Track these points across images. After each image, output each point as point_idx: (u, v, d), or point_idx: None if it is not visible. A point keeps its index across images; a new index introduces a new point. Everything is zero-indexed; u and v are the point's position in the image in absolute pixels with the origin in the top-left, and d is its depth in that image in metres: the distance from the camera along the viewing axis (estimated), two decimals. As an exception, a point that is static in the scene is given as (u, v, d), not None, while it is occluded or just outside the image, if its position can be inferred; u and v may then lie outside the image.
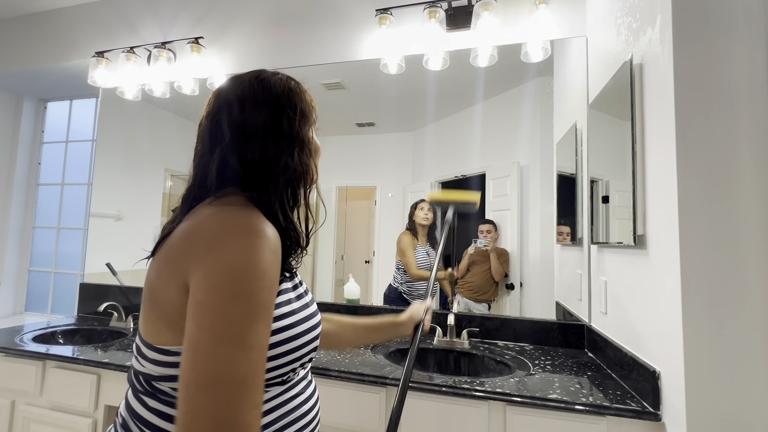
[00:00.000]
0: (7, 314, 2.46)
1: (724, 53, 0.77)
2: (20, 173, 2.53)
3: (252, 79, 0.57)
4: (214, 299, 0.42)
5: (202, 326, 0.41)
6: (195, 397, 0.39)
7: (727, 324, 0.74)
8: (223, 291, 0.42)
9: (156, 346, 0.49)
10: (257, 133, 0.54)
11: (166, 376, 0.48)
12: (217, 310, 0.41)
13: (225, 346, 0.40)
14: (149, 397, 0.50)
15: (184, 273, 0.45)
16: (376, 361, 1.17)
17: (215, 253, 0.43)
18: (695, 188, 0.77)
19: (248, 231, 0.45)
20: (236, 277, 0.42)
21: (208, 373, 0.40)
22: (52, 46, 2.17)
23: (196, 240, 0.46)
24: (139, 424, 0.50)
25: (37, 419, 1.29)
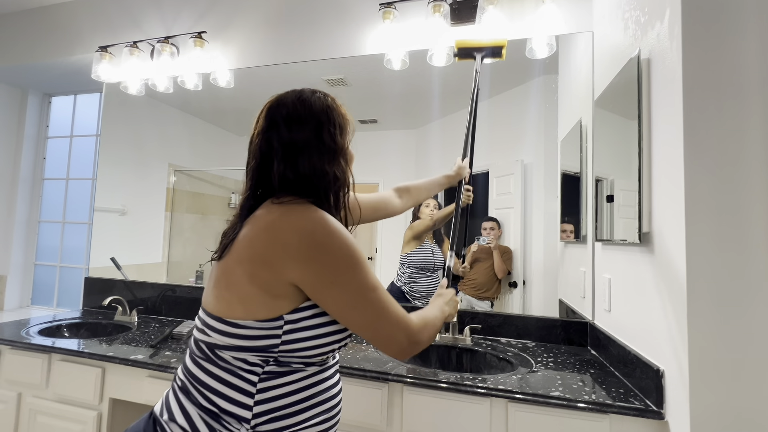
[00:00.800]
0: (14, 307, 2.49)
1: (734, 48, 0.76)
2: (25, 168, 2.55)
3: (294, 99, 0.67)
4: (344, 275, 0.59)
5: (350, 290, 0.60)
6: (378, 324, 0.62)
7: (732, 322, 0.74)
8: (344, 268, 0.59)
9: (226, 319, 0.59)
10: (304, 148, 0.64)
11: (230, 345, 0.59)
12: (351, 278, 0.60)
13: (371, 293, 0.61)
14: (210, 363, 0.61)
15: (280, 265, 0.58)
16: (378, 357, 1.17)
17: (319, 248, 0.58)
18: (703, 185, 0.76)
19: (327, 220, 0.60)
20: (347, 256, 0.60)
21: (373, 311, 0.61)
22: (56, 41, 2.17)
23: (284, 235, 0.59)
24: (198, 386, 0.61)
25: (43, 411, 1.30)
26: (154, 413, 0.65)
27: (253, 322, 0.58)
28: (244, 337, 0.59)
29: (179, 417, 0.61)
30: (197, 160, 2.08)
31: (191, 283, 1.92)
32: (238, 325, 0.59)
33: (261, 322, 0.58)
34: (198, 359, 0.63)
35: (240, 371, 0.60)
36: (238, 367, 0.60)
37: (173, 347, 1.33)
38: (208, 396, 0.60)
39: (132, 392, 1.22)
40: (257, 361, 0.60)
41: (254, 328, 0.58)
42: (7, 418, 1.33)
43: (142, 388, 1.21)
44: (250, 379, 0.59)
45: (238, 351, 0.59)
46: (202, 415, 0.59)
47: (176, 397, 0.63)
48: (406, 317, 0.65)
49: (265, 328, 0.58)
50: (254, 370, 0.60)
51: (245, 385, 0.59)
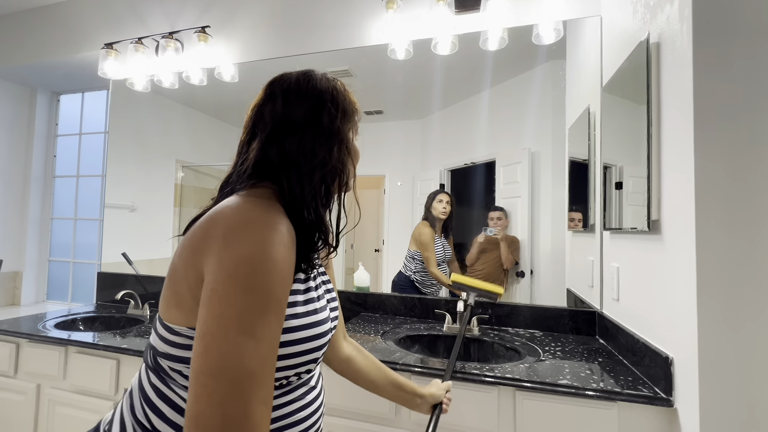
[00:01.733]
0: (30, 302, 2.55)
1: (746, 29, 0.74)
2: (37, 166, 2.59)
3: (300, 75, 0.59)
4: (227, 289, 0.42)
5: (214, 314, 0.42)
6: (205, 386, 0.40)
7: (743, 309, 0.73)
8: (236, 281, 0.42)
9: (164, 322, 0.50)
10: (297, 125, 0.55)
11: (167, 353, 0.50)
12: (230, 300, 0.42)
13: (236, 336, 0.41)
14: (152, 372, 0.52)
15: (200, 258, 0.46)
16: (386, 347, 1.18)
17: (230, 244, 0.44)
18: (713, 172, 0.75)
19: (263, 223, 0.46)
20: (250, 268, 0.43)
21: (217, 362, 0.40)
22: (62, 39, 2.19)
23: (214, 228, 0.46)
24: (140, 395, 0.52)
25: (61, 402, 1.34)
26: (102, 420, 0.58)
27: (186, 329, 0.48)
28: (177, 345, 0.49)
29: (116, 427, 0.53)
30: (203, 156, 2.09)
31: (201, 277, 1.95)
32: (173, 331, 0.49)
33: (193, 331, 0.47)
34: (146, 365, 0.54)
35: (174, 385, 0.50)
36: (173, 380, 0.50)
37: (185, 339, 1.35)
38: (145, 409, 0.51)
39: (146, 383, 1.25)
40: None
41: (187, 336, 0.48)
42: (27, 409, 1.38)
43: (155, 379, 1.23)
44: (183, 396, 0.49)
45: (174, 361, 0.49)
46: (135, 429, 0.51)
47: (121, 405, 0.55)
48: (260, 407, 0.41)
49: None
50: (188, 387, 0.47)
51: (179, 402, 0.49)
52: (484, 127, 1.64)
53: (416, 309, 1.57)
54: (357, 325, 1.45)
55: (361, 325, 1.45)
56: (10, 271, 2.49)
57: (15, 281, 2.53)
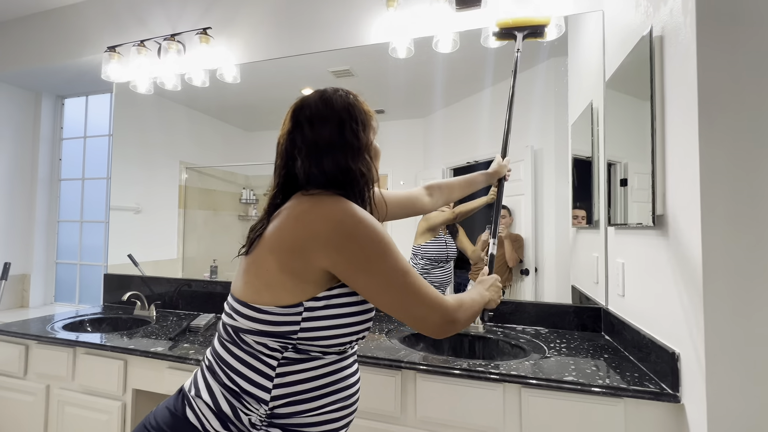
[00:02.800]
0: (38, 304, 2.58)
1: (751, 21, 0.73)
2: (43, 169, 2.62)
3: (317, 99, 0.69)
4: (375, 260, 0.61)
5: (381, 274, 0.62)
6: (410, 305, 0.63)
7: (750, 303, 0.72)
8: (375, 253, 0.61)
9: (251, 305, 0.63)
10: (327, 146, 0.65)
11: (253, 329, 0.62)
12: (382, 263, 0.62)
13: (402, 276, 0.63)
14: (235, 346, 0.65)
15: (312, 252, 0.60)
16: (391, 346, 1.19)
17: (350, 235, 0.60)
18: (718, 166, 0.74)
19: (355, 209, 0.62)
20: (376, 241, 0.61)
21: (404, 292, 0.63)
22: (66, 43, 2.21)
23: (319, 226, 0.60)
24: (223, 366, 0.65)
25: (70, 402, 1.36)
26: (184, 389, 0.69)
27: (275, 308, 0.61)
28: (266, 322, 0.62)
29: (204, 393, 0.65)
30: (207, 157, 2.10)
31: (206, 278, 1.97)
32: (262, 311, 0.62)
33: (282, 308, 0.61)
34: (224, 341, 0.66)
35: (261, 355, 0.63)
36: (260, 351, 0.63)
37: (191, 339, 1.36)
38: (231, 376, 0.63)
39: (153, 383, 1.26)
40: (277, 347, 0.62)
41: (276, 313, 0.61)
42: (37, 410, 1.40)
43: (162, 379, 1.24)
44: (269, 363, 0.62)
45: (260, 335, 0.62)
46: (224, 393, 0.63)
47: (203, 376, 0.67)
48: (439, 297, 0.66)
49: (286, 314, 0.61)
50: (274, 355, 0.63)
51: (265, 369, 0.62)
52: (487, 125, 1.64)
53: (420, 307, 1.57)
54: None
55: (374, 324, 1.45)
56: (19, 273, 2.52)
57: (23, 284, 2.55)
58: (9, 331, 1.44)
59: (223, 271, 1.98)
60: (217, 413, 0.63)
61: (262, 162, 1.96)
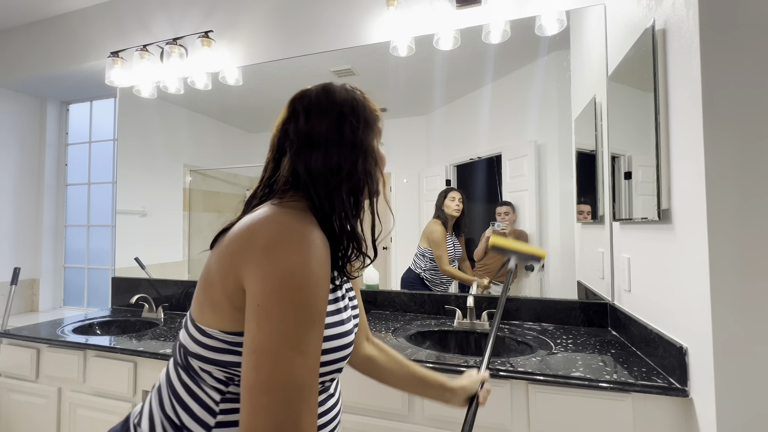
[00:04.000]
0: (48, 309, 2.61)
1: (754, 13, 0.73)
2: (49, 175, 2.65)
3: (318, 90, 0.60)
4: (274, 304, 0.45)
5: (264, 330, 0.44)
6: (258, 399, 0.42)
7: (757, 296, 0.72)
8: (282, 297, 0.45)
9: (197, 324, 0.53)
10: (320, 141, 0.56)
11: (198, 354, 0.52)
12: (277, 316, 0.44)
13: (286, 352, 0.44)
14: (182, 370, 0.55)
15: (240, 268, 0.48)
16: (397, 344, 1.19)
17: (273, 258, 0.46)
18: (724, 158, 0.74)
19: (302, 238, 0.48)
20: (295, 284, 0.45)
21: (270, 377, 0.43)
22: (69, 49, 2.23)
23: (255, 239, 0.48)
24: (169, 391, 0.55)
25: (82, 404, 1.37)
26: (130, 414, 0.61)
27: (219, 333, 0.50)
28: (209, 347, 0.51)
29: (144, 422, 0.56)
30: (211, 160, 2.11)
31: (212, 279, 1.98)
32: (206, 333, 0.51)
33: (226, 334, 0.50)
34: (175, 362, 0.57)
35: (204, 385, 0.53)
36: (203, 379, 0.53)
37: (199, 341, 1.38)
38: (174, 405, 0.54)
39: (163, 384, 1.28)
40: (222, 378, 0.52)
41: (219, 339, 0.51)
42: (49, 412, 1.42)
43: (172, 380, 1.26)
44: (212, 396, 0.52)
45: (204, 362, 0.52)
46: (164, 424, 0.54)
47: (150, 401, 0.58)
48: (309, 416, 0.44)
49: (230, 342, 0.50)
50: (219, 388, 0.52)
51: (209, 402, 0.52)
52: (489, 121, 1.63)
53: (426, 305, 1.58)
54: (368, 323, 1.45)
55: (371, 323, 1.45)
56: (28, 278, 2.55)
57: (32, 288, 2.59)
58: (20, 335, 1.46)
59: (229, 273, 2.00)
60: None
61: (266, 163, 1.97)
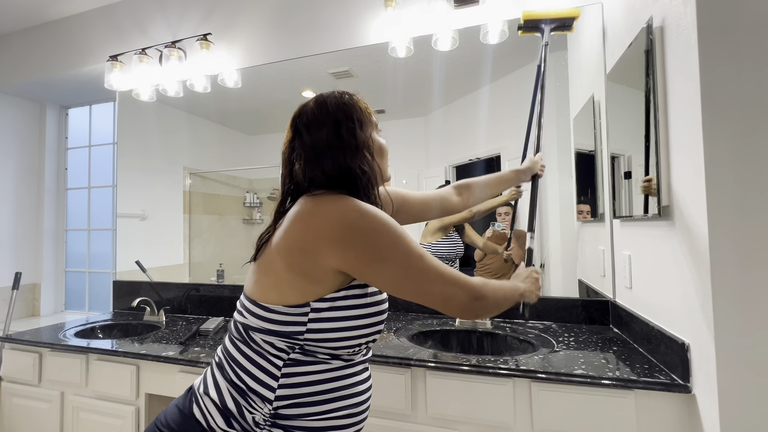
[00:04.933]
0: (49, 313, 2.61)
1: (752, 9, 0.73)
2: (49, 179, 2.65)
3: (313, 105, 0.69)
4: (385, 250, 0.60)
5: (395, 264, 0.60)
6: (432, 286, 0.62)
7: (759, 291, 0.72)
8: (384, 244, 0.60)
9: (261, 303, 0.63)
10: (325, 147, 0.65)
11: (261, 328, 0.63)
12: (393, 252, 0.60)
13: (417, 260, 0.61)
14: (243, 344, 0.65)
15: (320, 250, 0.59)
16: (399, 344, 1.19)
17: (355, 229, 0.59)
18: (723, 154, 0.74)
19: (358, 204, 0.61)
20: (383, 233, 0.60)
21: (427, 277, 0.61)
22: (68, 53, 2.23)
23: (323, 222, 0.60)
24: (231, 363, 0.66)
25: (85, 408, 1.37)
26: (193, 387, 0.70)
27: (282, 307, 0.61)
28: (273, 321, 0.62)
29: (212, 390, 0.65)
30: (210, 162, 2.12)
31: (213, 282, 1.98)
32: (270, 309, 0.62)
33: (289, 308, 0.61)
34: (234, 339, 0.67)
35: (267, 354, 0.63)
36: (266, 350, 0.63)
37: (201, 343, 1.38)
38: (238, 373, 0.64)
39: (166, 387, 1.28)
40: (283, 347, 0.63)
41: (283, 313, 0.61)
42: (52, 416, 1.42)
43: (175, 383, 1.26)
44: (275, 362, 0.63)
45: (268, 334, 0.63)
46: (231, 390, 0.64)
47: (212, 373, 0.68)
48: (462, 275, 0.65)
49: (293, 314, 0.61)
50: (280, 355, 0.63)
51: (271, 368, 0.63)
52: (488, 122, 1.64)
53: (427, 305, 1.57)
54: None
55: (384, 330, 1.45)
56: (29, 283, 2.55)
57: (34, 293, 2.59)
58: (22, 340, 1.46)
59: (230, 275, 2.00)
60: (222, 410, 0.63)
61: (265, 165, 1.97)
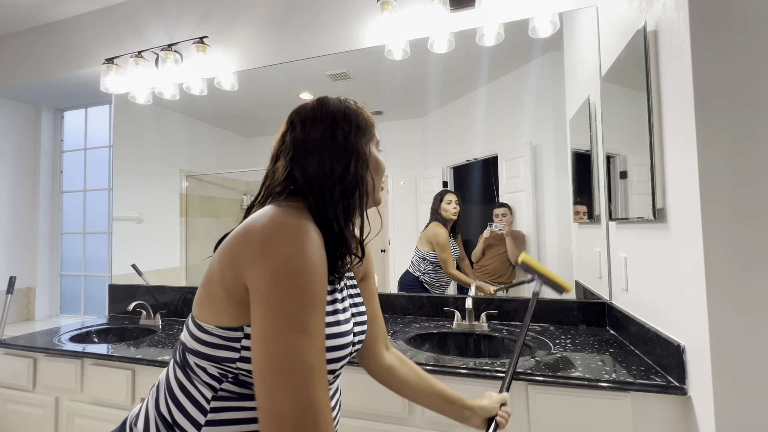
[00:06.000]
0: (44, 317, 2.59)
1: (743, 14, 0.74)
2: (44, 182, 2.63)
3: (314, 102, 0.65)
4: (276, 293, 0.47)
5: (268, 318, 0.47)
6: (272, 382, 0.45)
7: (754, 295, 0.73)
8: (282, 285, 0.47)
9: (196, 320, 0.55)
10: (315, 146, 0.59)
11: (195, 350, 0.54)
12: (280, 303, 0.47)
13: (292, 334, 0.46)
14: (179, 368, 0.57)
15: (240, 264, 0.50)
16: (396, 347, 1.19)
17: (269, 250, 0.48)
18: (717, 157, 0.75)
19: (297, 228, 0.50)
20: (292, 272, 0.48)
21: (280, 359, 0.45)
22: (64, 56, 2.22)
23: (251, 236, 0.50)
24: (165, 389, 0.58)
25: (80, 413, 1.36)
26: (128, 415, 0.63)
27: (215, 328, 0.52)
28: (206, 343, 0.53)
29: (140, 422, 0.58)
30: (207, 165, 2.11)
31: (210, 285, 1.97)
32: (203, 329, 0.53)
33: (222, 330, 0.52)
34: (174, 361, 0.59)
35: (198, 382, 0.54)
36: (198, 376, 0.54)
37: (197, 347, 1.37)
38: (168, 403, 0.56)
39: (162, 392, 1.27)
40: (216, 374, 0.53)
41: (215, 335, 0.52)
42: (47, 422, 1.40)
43: (171, 388, 1.25)
44: (204, 393, 0.54)
45: (201, 358, 0.53)
46: (157, 422, 0.56)
47: (147, 401, 0.60)
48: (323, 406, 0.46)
49: (224, 338, 0.52)
50: (211, 384, 0.54)
51: (201, 399, 0.54)
52: (485, 123, 1.64)
53: (425, 308, 1.58)
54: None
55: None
56: (24, 287, 2.53)
57: (28, 297, 2.57)
58: (16, 345, 1.45)
59: (226, 278, 1.99)
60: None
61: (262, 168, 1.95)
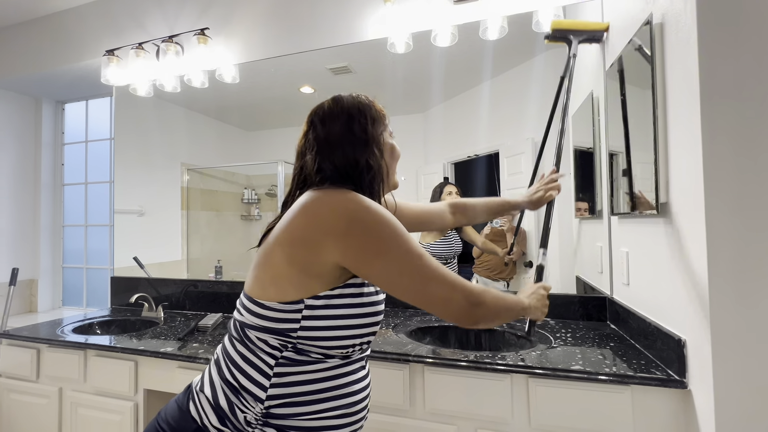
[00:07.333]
0: (47, 309, 2.61)
1: (753, 5, 0.73)
2: (46, 175, 2.63)
3: (330, 101, 0.72)
4: (385, 247, 0.60)
5: (391, 260, 0.60)
6: (427, 289, 0.61)
7: (756, 289, 0.73)
8: (385, 238, 0.60)
9: (257, 300, 0.63)
10: (337, 141, 0.67)
11: (256, 325, 0.63)
12: (388, 250, 0.60)
13: (417, 260, 0.61)
14: (240, 343, 0.66)
15: (324, 243, 0.59)
16: (398, 340, 1.20)
17: (358, 222, 0.59)
18: (721, 152, 0.74)
19: (360, 200, 0.61)
20: (385, 228, 0.60)
21: (424, 276, 0.61)
22: (64, 48, 2.21)
23: (326, 214, 0.60)
24: (227, 361, 0.66)
25: (83, 404, 1.38)
26: (192, 383, 0.71)
27: (277, 304, 0.61)
28: (267, 318, 0.62)
29: (207, 387, 0.66)
30: (208, 158, 2.11)
31: (211, 278, 1.98)
32: (265, 306, 0.62)
33: (284, 304, 0.61)
34: (232, 337, 0.68)
35: (260, 352, 0.63)
36: (260, 348, 0.63)
37: (199, 339, 1.38)
38: (233, 371, 0.64)
39: (164, 383, 1.28)
40: (277, 345, 0.63)
41: (277, 309, 0.61)
42: (51, 412, 1.42)
43: (173, 379, 1.26)
44: (268, 361, 0.63)
45: (262, 332, 0.63)
46: (224, 388, 0.64)
47: (209, 371, 0.69)
48: (461, 279, 0.64)
49: (287, 311, 0.61)
50: (273, 353, 0.63)
51: (264, 366, 0.63)
52: (487, 119, 1.64)
53: (426, 301, 1.58)
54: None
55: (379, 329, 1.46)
56: (26, 279, 2.54)
57: (31, 289, 2.58)
58: (20, 336, 1.46)
59: (227, 271, 2.00)
60: (215, 408, 0.64)
61: (263, 161, 1.96)
